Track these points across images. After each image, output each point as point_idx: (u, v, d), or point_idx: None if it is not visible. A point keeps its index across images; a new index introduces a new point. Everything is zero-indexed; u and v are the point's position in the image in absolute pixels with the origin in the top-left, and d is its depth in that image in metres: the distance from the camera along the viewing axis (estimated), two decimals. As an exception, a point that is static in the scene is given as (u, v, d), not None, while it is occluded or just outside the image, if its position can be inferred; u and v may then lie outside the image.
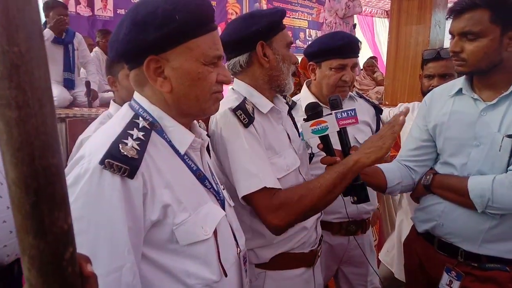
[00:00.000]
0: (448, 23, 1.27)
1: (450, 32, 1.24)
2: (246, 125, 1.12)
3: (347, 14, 4.07)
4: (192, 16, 0.79)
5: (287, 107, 1.33)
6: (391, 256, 2.04)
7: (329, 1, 4.31)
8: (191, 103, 0.84)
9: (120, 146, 0.73)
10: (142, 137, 0.77)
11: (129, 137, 0.75)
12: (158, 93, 0.83)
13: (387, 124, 1.10)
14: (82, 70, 3.99)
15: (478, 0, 1.13)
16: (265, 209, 1.08)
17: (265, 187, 1.07)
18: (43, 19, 3.50)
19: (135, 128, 0.78)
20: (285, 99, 1.41)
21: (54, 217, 0.37)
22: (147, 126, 0.80)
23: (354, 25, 4.16)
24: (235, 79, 1.26)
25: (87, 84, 3.34)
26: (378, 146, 1.06)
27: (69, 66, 3.56)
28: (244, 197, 1.10)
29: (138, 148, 0.75)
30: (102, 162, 0.70)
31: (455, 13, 1.20)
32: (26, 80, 0.35)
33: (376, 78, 5.20)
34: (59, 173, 0.38)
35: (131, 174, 0.72)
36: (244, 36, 1.17)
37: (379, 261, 2.12)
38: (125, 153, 0.72)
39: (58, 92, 3.26)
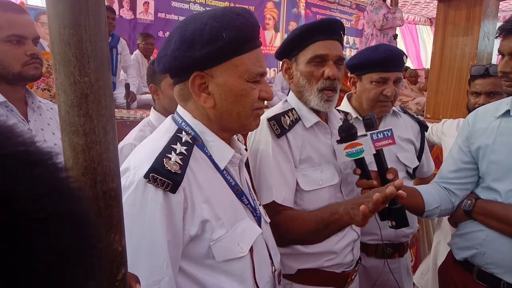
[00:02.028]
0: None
1: (500, 51, 1.19)
2: (278, 136, 1.15)
3: (385, 25, 3.95)
4: (238, 34, 0.80)
5: (341, 123, 1.32)
6: (425, 280, 1.95)
7: (368, 13, 4.21)
8: (233, 119, 0.85)
9: (164, 161, 0.75)
10: (185, 152, 0.79)
11: (172, 152, 0.78)
12: (201, 108, 0.85)
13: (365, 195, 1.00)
14: (121, 72, 4.15)
15: None
16: None
17: (274, 201, 1.11)
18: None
19: (178, 143, 0.80)
20: (346, 116, 1.41)
21: (110, 239, 0.39)
22: (190, 141, 0.82)
23: (395, 36, 4.02)
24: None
25: (127, 86, 3.46)
26: (353, 212, 0.97)
27: (111, 69, 3.72)
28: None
29: (181, 163, 0.77)
30: (146, 176, 0.73)
31: (505, 32, 1.15)
32: (93, 108, 0.37)
33: (419, 86, 5.02)
34: (117, 197, 0.39)
35: (174, 189, 0.74)
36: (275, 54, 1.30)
37: (413, 284, 2.03)
38: (168, 168, 0.74)
39: (100, 92, 3.41)
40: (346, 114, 1.43)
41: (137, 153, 0.82)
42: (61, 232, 0.23)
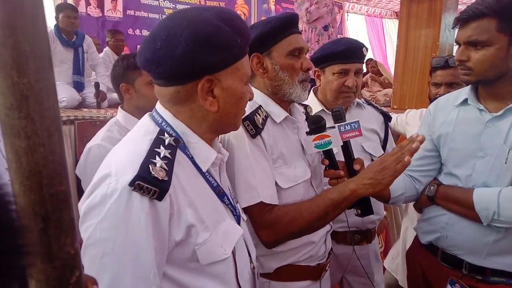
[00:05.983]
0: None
1: (456, 41, 1.23)
2: (253, 136, 1.13)
3: (310, 19, 3.87)
4: (246, 39, 0.83)
5: (304, 117, 1.33)
6: (395, 264, 2.03)
7: (296, 10, 4.15)
8: (230, 121, 0.86)
9: (150, 167, 0.71)
10: (169, 156, 0.76)
11: (157, 156, 0.74)
12: (197, 110, 0.82)
13: (392, 154, 1.06)
14: (91, 71, 4.03)
15: (485, 9, 1.11)
16: (257, 224, 1.11)
17: (261, 201, 1.09)
18: (54, 21, 3.55)
19: (161, 146, 0.76)
20: (306, 109, 1.41)
21: (61, 242, 0.38)
22: (173, 143, 0.79)
23: (325, 27, 3.93)
24: (252, 87, 1.29)
25: (96, 85, 3.36)
26: (377, 180, 1.03)
27: (78, 69, 3.61)
28: (243, 209, 1.11)
29: (167, 168, 0.73)
30: (132, 183, 0.69)
31: (461, 22, 1.18)
32: (35, 110, 0.36)
33: (383, 81, 5.16)
34: (66, 200, 0.39)
35: (161, 197, 0.70)
36: None
37: (384, 268, 2.11)
38: (155, 175, 0.70)
39: (67, 93, 3.30)
40: (305, 106, 1.42)
41: (117, 158, 0.76)
42: None
